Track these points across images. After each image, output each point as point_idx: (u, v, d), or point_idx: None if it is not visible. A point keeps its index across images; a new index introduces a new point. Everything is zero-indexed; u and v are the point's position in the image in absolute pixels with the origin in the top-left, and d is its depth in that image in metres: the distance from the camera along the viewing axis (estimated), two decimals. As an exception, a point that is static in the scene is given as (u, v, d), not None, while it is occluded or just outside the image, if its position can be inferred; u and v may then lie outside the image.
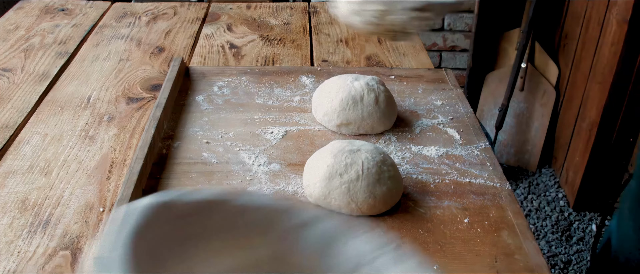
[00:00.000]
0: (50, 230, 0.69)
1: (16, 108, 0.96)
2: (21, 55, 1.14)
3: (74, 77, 1.07)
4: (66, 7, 1.39)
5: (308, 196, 0.72)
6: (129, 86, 1.04)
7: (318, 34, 1.29)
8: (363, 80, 0.87)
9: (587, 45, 1.98)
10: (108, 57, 1.15)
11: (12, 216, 0.72)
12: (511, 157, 2.26)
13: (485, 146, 0.85)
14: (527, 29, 2.07)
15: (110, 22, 1.32)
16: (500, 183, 0.77)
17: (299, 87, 1.01)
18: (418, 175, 0.78)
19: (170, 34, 1.28)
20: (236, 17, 1.38)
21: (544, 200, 2.09)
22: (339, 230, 0.51)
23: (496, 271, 0.63)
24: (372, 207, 0.69)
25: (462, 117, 0.92)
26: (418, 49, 1.22)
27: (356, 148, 0.72)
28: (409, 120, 0.91)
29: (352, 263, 0.50)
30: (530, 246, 0.66)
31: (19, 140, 0.87)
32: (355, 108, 0.85)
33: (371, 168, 0.69)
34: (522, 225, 0.69)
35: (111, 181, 0.78)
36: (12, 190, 0.76)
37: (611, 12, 1.80)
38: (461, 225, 0.69)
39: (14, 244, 0.67)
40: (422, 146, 0.84)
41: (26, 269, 0.64)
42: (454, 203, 0.73)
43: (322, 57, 1.18)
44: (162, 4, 1.44)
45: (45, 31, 1.26)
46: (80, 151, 0.85)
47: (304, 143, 0.85)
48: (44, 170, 0.80)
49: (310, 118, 0.91)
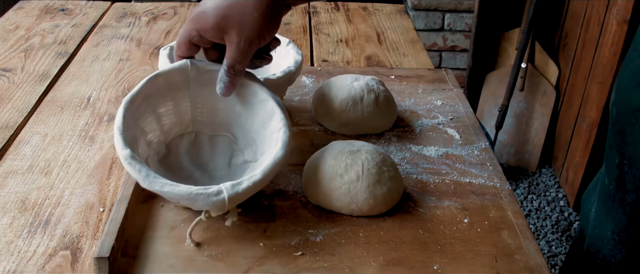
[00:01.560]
0: (50, 230, 0.69)
1: (16, 108, 0.96)
2: (21, 55, 1.14)
3: (74, 77, 1.07)
4: (66, 7, 1.39)
5: (308, 196, 0.72)
6: (129, 86, 1.04)
7: (318, 34, 1.29)
8: (363, 81, 0.87)
9: (587, 45, 1.98)
10: (108, 57, 1.15)
11: (12, 216, 0.72)
12: (511, 157, 2.26)
13: (485, 146, 0.85)
14: (527, 29, 2.07)
15: (110, 22, 1.32)
16: (500, 183, 0.77)
17: (299, 87, 1.01)
18: (418, 175, 0.78)
19: (170, 34, 1.28)
20: (236, 17, 1.38)
21: (544, 200, 2.09)
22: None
23: (496, 271, 0.63)
24: (373, 207, 0.69)
25: (462, 117, 0.92)
26: (418, 49, 1.22)
27: (356, 149, 0.72)
28: (409, 120, 0.91)
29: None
30: (530, 246, 0.66)
31: (19, 140, 0.87)
32: (355, 108, 0.85)
33: (371, 168, 0.69)
34: (522, 225, 0.69)
35: (111, 181, 0.78)
36: (12, 190, 0.76)
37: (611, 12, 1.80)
38: (461, 225, 0.69)
39: (14, 244, 0.67)
40: (422, 146, 0.84)
41: (26, 269, 0.64)
42: (454, 203, 0.73)
43: (322, 57, 1.18)
44: (162, 4, 1.44)
45: (45, 31, 1.26)
46: (80, 151, 0.85)
47: (304, 143, 0.85)
48: (44, 170, 0.80)
49: (310, 118, 0.91)
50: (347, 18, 1.39)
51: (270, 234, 0.67)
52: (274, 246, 0.65)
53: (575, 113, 2.03)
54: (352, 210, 0.69)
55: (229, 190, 0.60)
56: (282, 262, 0.63)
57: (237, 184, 0.61)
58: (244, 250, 0.64)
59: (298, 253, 0.64)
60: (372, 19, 1.38)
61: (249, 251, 0.64)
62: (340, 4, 1.47)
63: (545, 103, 2.19)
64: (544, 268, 0.63)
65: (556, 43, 2.23)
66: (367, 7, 1.45)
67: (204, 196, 0.60)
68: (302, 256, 0.64)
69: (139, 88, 0.69)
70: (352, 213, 0.70)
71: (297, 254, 0.64)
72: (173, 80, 0.72)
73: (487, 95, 2.31)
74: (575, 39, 2.07)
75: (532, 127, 2.21)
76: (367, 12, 1.43)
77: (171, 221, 0.68)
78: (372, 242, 0.66)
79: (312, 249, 0.64)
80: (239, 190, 0.61)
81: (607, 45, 1.81)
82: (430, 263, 0.63)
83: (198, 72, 0.72)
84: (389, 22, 1.36)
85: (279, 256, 0.64)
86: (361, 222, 0.69)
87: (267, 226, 0.68)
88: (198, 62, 0.72)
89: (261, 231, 0.67)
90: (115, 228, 0.63)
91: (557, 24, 2.23)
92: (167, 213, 0.70)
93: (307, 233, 0.67)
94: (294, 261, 0.63)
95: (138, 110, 0.69)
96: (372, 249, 0.65)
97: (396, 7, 1.47)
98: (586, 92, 1.95)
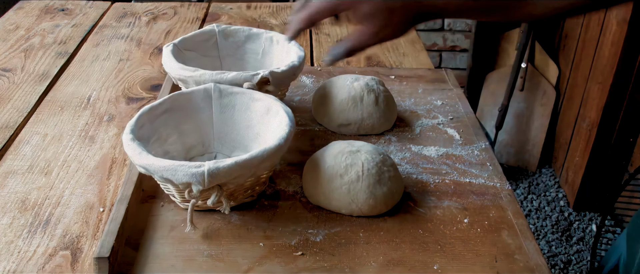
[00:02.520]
0: (50, 230, 0.69)
1: (16, 108, 0.96)
2: (21, 55, 1.14)
3: (74, 77, 1.07)
4: (66, 7, 1.39)
5: (308, 197, 0.72)
6: (129, 86, 1.04)
7: (318, 34, 1.29)
8: (363, 81, 0.87)
9: (587, 45, 1.98)
10: (108, 57, 1.15)
11: (12, 216, 0.72)
12: (511, 157, 2.26)
13: (485, 146, 0.85)
14: (527, 29, 2.07)
15: (110, 22, 1.32)
16: (500, 183, 0.77)
17: (299, 87, 1.01)
18: (418, 175, 0.78)
19: (170, 34, 1.28)
20: (236, 17, 1.38)
21: (544, 200, 2.09)
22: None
23: (496, 271, 0.63)
24: (373, 208, 0.69)
25: (462, 117, 0.92)
26: (418, 49, 1.22)
27: (356, 149, 0.72)
28: (409, 120, 0.91)
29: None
30: (530, 246, 0.66)
31: (19, 140, 0.87)
32: (355, 108, 0.85)
33: (371, 169, 0.69)
34: (522, 225, 0.69)
35: (111, 181, 0.78)
36: (12, 190, 0.76)
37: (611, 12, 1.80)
38: (461, 225, 0.69)
39: (14, 244, 0.67)
40: (422, 146, 0.84)
41: (26, 269, 0.64)
42: (454, 203, 0.73)
43: (322, 57, 1.18)
44: (162, 4, 1.44)
45: (45, 31, 1.26)
46: (80, 151, 0.85)
47: (304, 143, 0.85)
48: (44, 170, 0.80)
49: (310, 118, 0.91)
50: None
51: (270, 234, 0.67)
52: (274, 246, 0.65)
53: (575, 113, 2.03)
54: (352, 210, 0.69)
55: (210, 165, 0.61)
56: (282, 262, 0.63)
57: (220, 161, 0.61)
58: (244, 250, 0.64)
59: (298, 253, 0.64)
60: (372, 19, 1.38)
61: (249, 251, 0.64)
62: (340, 4, 1.47)
63: (545, 103, 2.19)
64: (544, 268, 0.63)
65: (556, 43, 2.23)
66: (367, 7, 1.45)
67: (185, 168, 0.60)
68: (302, 256, 0.64)
69: (161, 100, 0.73)
70: (352, 213, 0.70)
71: (297, 254, 0.64)
72: (197, 100, 0.75)
73: (487, 95, 2.31)
74: (575, 39, 2.06)
75: (532, 127, 2.21)
76: (367, 12, 1.42)
77: (171, 221, 0.68)
78: (372, 242, 0.66)
79: (312, 249, 0.64)
80: (220, 166, 0.61)
81: (607, 45, 1.81)
82: (430, 263, 0.63)
83: (220, 94, 0.75)
84: (389, 22, 1.36)
85: (279, 256, 0.64)
86: (361, 222, 0.69)
87: (267, 226, 0.68)
88: (221, 85, 0.75)
89: (261, 231, 0.67)
90: (115, 228, 0.62)
91: (557, 24, 2.23)
92: (167, 213, 0.70)
93: (307, 233, 0.67)
94: (294, 261, 0.63)
95: (157, 118, 0.72)
96: (372, 249, 0.65)
97: (396, 7, 1.47)
98: (586, 92, 1.95)
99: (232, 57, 0.94)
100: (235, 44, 0.93)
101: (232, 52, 0.93)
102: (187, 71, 0.79)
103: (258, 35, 0.93)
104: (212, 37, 0.92)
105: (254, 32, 0.93)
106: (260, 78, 0.78)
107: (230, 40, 0.93)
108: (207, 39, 0.91)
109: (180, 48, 0.87)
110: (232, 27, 0.93)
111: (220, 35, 0.92)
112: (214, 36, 0.92)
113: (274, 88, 0.80)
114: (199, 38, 0.91)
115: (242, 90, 0.76)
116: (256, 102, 0.75)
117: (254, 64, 0.94)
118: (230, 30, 0.93)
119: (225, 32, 0.92)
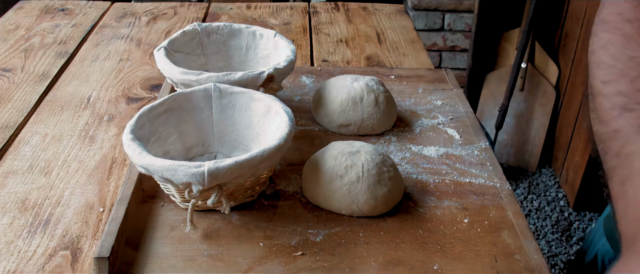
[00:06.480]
0: (50, 230, 0.69)
1: (16, 108, 0.96)
2: (21, 55, 1.14)
3: (74, 77, 1.07)
4: (66, 7, 1.39)
5: (308, 198, 0.72)
6: (129, 86, 1.04)
7: (318, 34, 1.29)
8: (363, 81, 0.87)
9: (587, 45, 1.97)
10: (108, 57, 1.15)
11: (12, 216, 0.72)
12: (511, 157, 2.26)
13: (485, 146, 0.85)
14: (527, 29, 2.07)
15: (110, 22, 1.32)
16: (500, 183, 0.77)
17: (299, 87, 1.01)
18: (418, 175, 0.78)
19: (170, 33, 1.27)
20: (236, 17, 1.38)
21: (544, 200, 2.09)
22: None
23: (496, 271, 0.63)
24: (373, 208, 0.69)
25: (462, 117, 0.92)
26: (418, 49, 1.22)
27: (356, 150, 0.72)
28: (409, 120, 0.91)
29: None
30: (530, 246, 0.66)
31: (19, 140, 0.87)
32: (355, 108, 0.85)
33: (371, 169, 0.69)
34: (522, 225, 0.69)
35: (111, 181, 0.78)
36: (12, 190, 0.76)
37: (611, 12, 1.80)
38: (461, 225, 0.69)
39: (14, 244, 0.67)
40: (422, 146, 0.84)
41: (26, 269, 0.64)
42: (454, 203, 0.73)
43: (322, 57, 1.18)
44: (162, 4, 1.44)
45: (45, 31, 1.26)
46: (80, 151, 0.85)
47: (304, 143, 0.85)
48: (44, 170, 0.80)
49: (310, 118, 0.91)
50: (347, 18, 1.39)
51: (270, 234, 0.67)
52: (274, 246, 0.65)
53: (575, 113, 2.03)
54: (353, 210, 0.69)
55: (210, 165, 0.60)
56: (282, 262, 0.63)
57: (220, 161, 0.61)
58: (243, 250, 0.64)
59: (298, 253, 0.64)
60: (372, 19, 1.38)
61: (249, 251, 0.64)
62: (340, 4, 1.47)
63: (545, 103, 2.19)
64: (544, 268, 0.63)
65: (556, 43, 2.23)
66: (367, 7, 1.45)
67: (185, 168, 0.60)
68: (302, 256, 0.64)
69: (161, 100, 0.73)
70: (352, 213, 0.70)
71: (297, 254, 0.64)
72: (197, 100, 0.75)
73: (487, 95, 2.31)
74: (575, 39, 2.06)
75: (532, 127, 2.21)
76: (367, 12, 1.42)
77: (171, 221, 0.68)
78: (372, 242, 0.66)
79: (312, 249, 0.64)
80: (220, 166, 0.61)
81: (607, 45, 1.80)
82: (430, 263, 0.63)
83: (220, 94, 0.76)
84: (389, 22, 1.36)
85: (279, 256, 0.64)
86: (361, 222, 0.69)
87: (267, 226, 0.68)
88: (221, 85, 0.75)
89: (261, 231, 0.67)
90: (115, 228, 0.62)
91: (557, 24, 2.23)
92: (167, 213, 0.70)
93: (307, 233, 0.67)
94: (294, 261, 0.63)
95: (157, 118, 0.72)
96: (372, 249, 0.65)
97: (396, 7, 1.47)
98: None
99: (216, 55, 0.94)
100: (218, 42, 0.94)
101: (216, 50, 0.94)
102: (190, 75, 0.78)
103: (240, 30, 0.93)
104: (195, 37, 0.92)
105: (235, 28, 0.94)
106: (267, 76, 0.78)
107: (213, 37, 0.93)
108: (190, 39, 0.91)
109: (169, 51, 0.86)
110: (213, 24, 0.93)
111: (203, 33, 0.92)
112: (197, 35, 0.92)
113: (277, 85, 0.81)
114: (183, 38, 0.90)
115: (242, 90, 0.76)
116: (256, 102, 0.75)
117: (239, 60, 0.94)
118: (212, 27, 0.93)
119: (207, 30, 0.92)
